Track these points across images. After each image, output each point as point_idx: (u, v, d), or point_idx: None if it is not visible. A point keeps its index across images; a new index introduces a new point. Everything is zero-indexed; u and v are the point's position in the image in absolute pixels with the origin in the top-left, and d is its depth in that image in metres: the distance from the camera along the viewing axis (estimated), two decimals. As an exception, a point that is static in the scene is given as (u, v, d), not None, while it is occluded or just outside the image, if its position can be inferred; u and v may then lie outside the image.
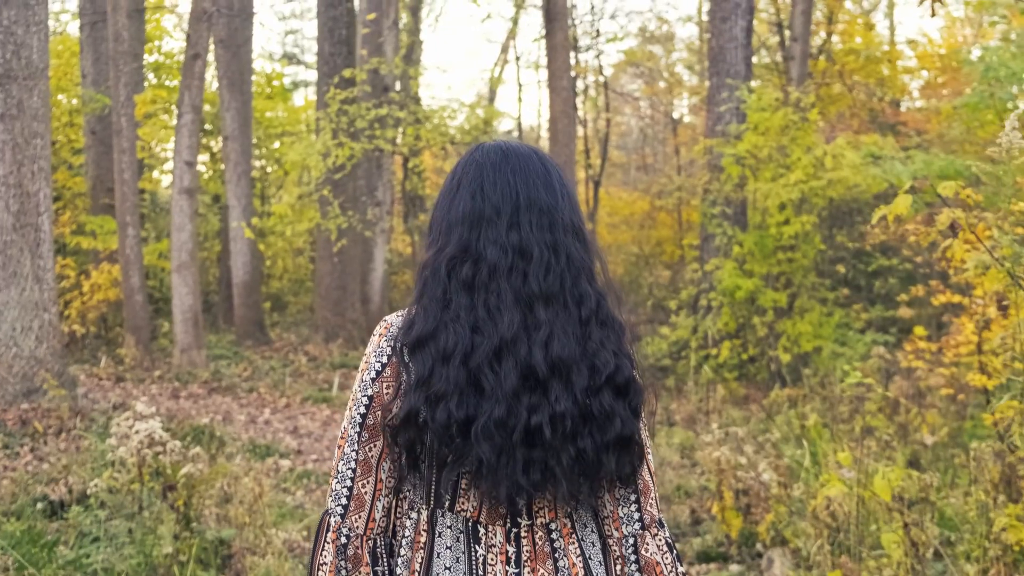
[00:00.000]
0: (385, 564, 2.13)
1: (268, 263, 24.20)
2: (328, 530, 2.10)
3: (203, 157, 25.39)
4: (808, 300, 12.23)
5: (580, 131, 21.28)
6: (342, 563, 2.08)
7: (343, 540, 2.09)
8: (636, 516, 2.18)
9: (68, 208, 18.50)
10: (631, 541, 2.18)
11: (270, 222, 19.69)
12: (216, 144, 22.72)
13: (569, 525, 2.17)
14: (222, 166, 20.53)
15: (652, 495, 2.22)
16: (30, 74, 10.64)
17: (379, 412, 2.08)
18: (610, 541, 2.20)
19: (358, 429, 2.09)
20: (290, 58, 35.09)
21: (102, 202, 18.21)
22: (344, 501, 2.10)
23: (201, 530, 5.13)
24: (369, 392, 2.08)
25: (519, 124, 21.95)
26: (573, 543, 2.16)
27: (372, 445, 2.09)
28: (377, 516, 2.11)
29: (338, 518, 2.10)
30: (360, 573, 2.09)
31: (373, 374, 2.09)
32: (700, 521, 6.56)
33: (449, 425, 1.97)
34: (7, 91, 10.47)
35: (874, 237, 13.15)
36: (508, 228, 2.08)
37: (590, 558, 2.18)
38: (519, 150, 2.20)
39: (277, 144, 23.89)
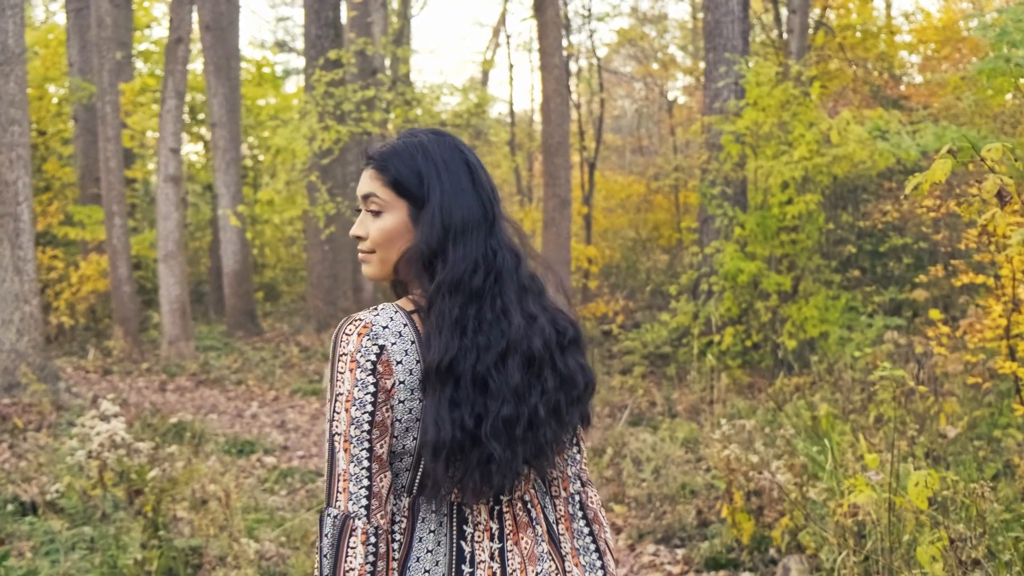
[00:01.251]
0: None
1: (261, 251, 23.91)
2: (352, 534, 2.02)
3: (196, 146, 25.07)
4: (813, 283, 11.83)
5: (574, 114, 20.87)
6: (372, 564, 2.04)
7: (372, 540, 2.04)
8: (579, 475, 2.38)
9: (58, 198, 18.16)
10: (577, 498, 2.37)
11: (257, 209, 19.31)
12: (208, 132, 22.34)
13: (535, 494, 2.27)
14: (213, 154, 20.10)
15: (584, 455, 2.41)
16: (6, 59, 10.30)
17: (384, 407, 2.05)
18: (558, 501, 2.34)
19: (367, 428, 2.03)
20: (281, 45, 34.69)
21: (91, 192, 17.91)
22: (365, 502, 2.05)
23: (170, 538, 4.77)
24: (371, 389, 2.04)
25: (511, 108, 21.59)
26: (540, 510, 2.26)
27: (383, 441, 2.06)
28: (389, 509, 2.10)
29: (364, 520, 2.03)
30: (379, 568, 2.06)
31: (369, 368, 2.04)
32: (707, 523, 6.10)
33: (464, 440, 2.03)
34: (-19, 77, 10.13)
35: (883, 216, 12.73)
36: (501, 230, 2.18)
37: (552, 522, 2.30)
38: None
39: (267, 133, 23.53)
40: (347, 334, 2.06)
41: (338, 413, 2.04)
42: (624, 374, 12.78)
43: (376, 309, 2.11)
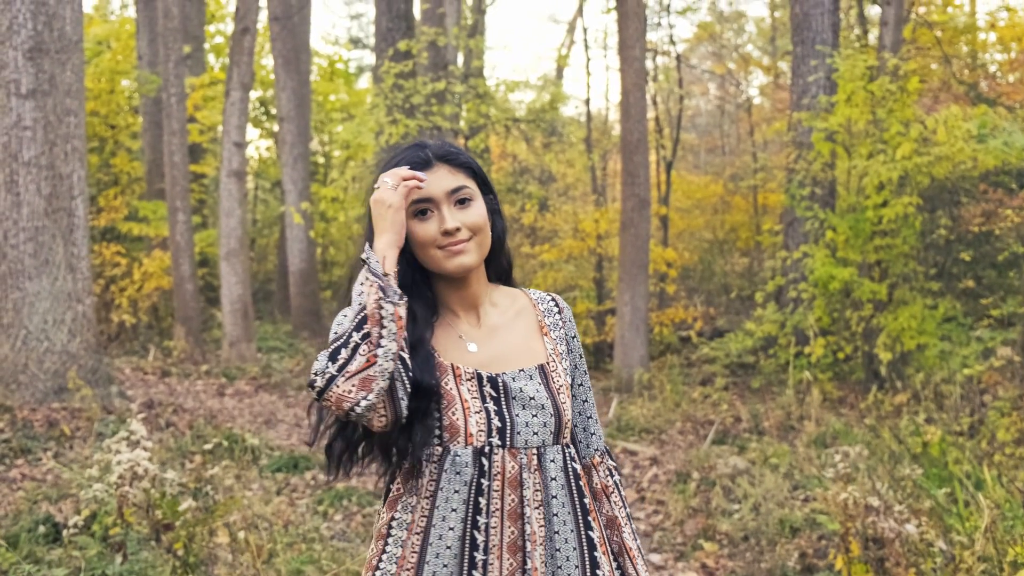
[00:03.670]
0: None
1: (331, 250, 23.56)
2: None
3: (267, 141, 24.77)
4: (909, 292, 11.00)
5: (650, 112, 20.14)
6: None
7: None
8: None
9: (124, 193, 17.87)
10: None
11: (322, 206, 18.86)
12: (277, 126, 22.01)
13: None
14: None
15: None
16: (63, 47, 9.87)
17: None
18: None
19: None
20: (355, 42, 34.40)
21: (157, 187, 17.60)
22: None
23: (203, 581, 4.19)
24: None
25: (588, 104, 20.91)
26: None
27: None
28: None
29: None
30: None
31: None
32: (812, 569, 5.26)
33: None
34: (38, 65, 9.71)
35: (986, 220, 11.81)
36: None
37: None
38: None
39: (340, 128, 23.16)
40: None
41: None
42: (704, 384, 12.08)
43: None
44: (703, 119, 30.87)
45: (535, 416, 2.20)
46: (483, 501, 2.15)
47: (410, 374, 2.10)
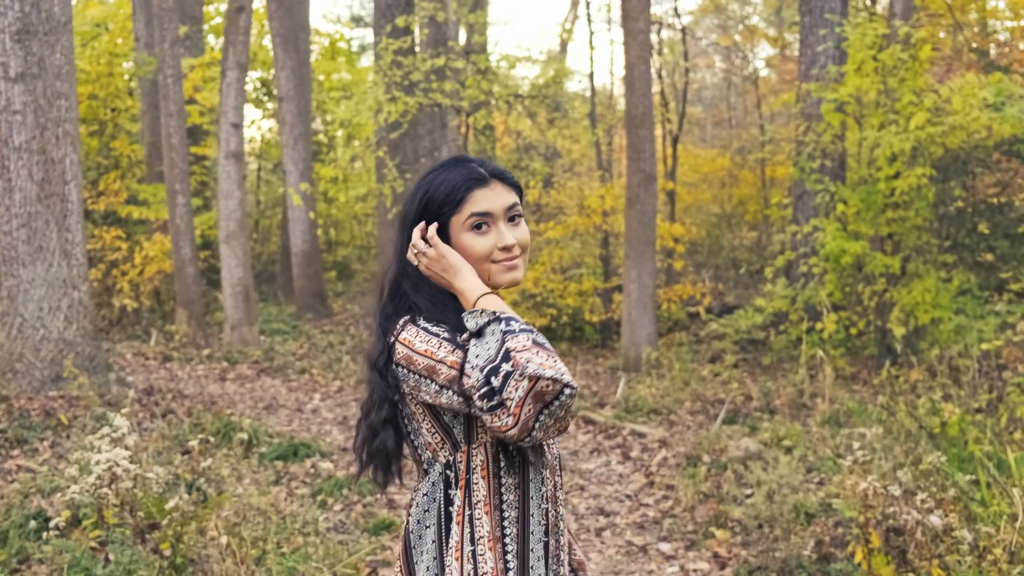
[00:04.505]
0: None
1: (332, 231, 23.36)
2: None
3: (269, 123, 24.56)
4: (923, 265, 10.75)
5: (656, 85, 19.83)
6: None
7: None
8: None
9: (126, 177, 17.66)
10: None
11: (321, 187, 18.64)
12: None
13: None
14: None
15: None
16: (51, 28, 9.65)
17: None
18: None
19: None
20: (356, 20, 34.13)
21: (157, 169, 17.39)
22: None
23: (191, 583, 3.97)
24: None
25: (592, 79, 20.61)
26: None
27: None
28: None
29: None
30: None
31: None
32: (829, 558, 4.98)
33: None
34: (27, 48, 9.49)
35: (1022, 190, 11.50)
36: None
37: None
38: None
39: (342, 108, 22.90)
40: None
41: None
42: (713, 362, 11.86)
43: None
44: (709, 92, 30.55)
45: None
46: (543, 488, 2.28)
47: None
